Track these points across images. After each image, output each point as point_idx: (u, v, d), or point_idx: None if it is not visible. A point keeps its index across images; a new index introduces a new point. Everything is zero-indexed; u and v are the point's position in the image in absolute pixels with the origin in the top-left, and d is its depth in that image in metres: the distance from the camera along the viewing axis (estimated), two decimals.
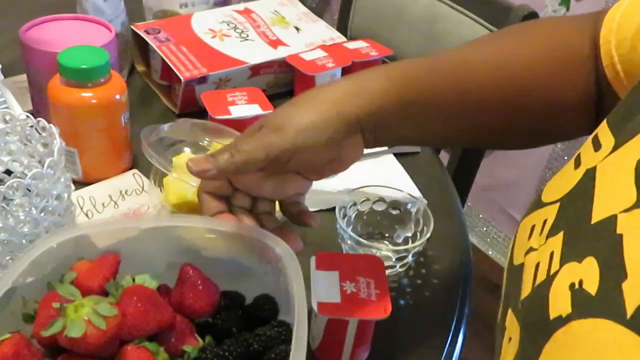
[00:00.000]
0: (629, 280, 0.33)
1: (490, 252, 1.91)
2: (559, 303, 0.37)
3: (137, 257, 0.55)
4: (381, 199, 0.74)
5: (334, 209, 0.71)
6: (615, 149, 0.41)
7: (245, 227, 0.55)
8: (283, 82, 1.01)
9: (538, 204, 0.46)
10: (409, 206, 0.73)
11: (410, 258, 0.70)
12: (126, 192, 0.79)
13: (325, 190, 0.80)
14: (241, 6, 1.09)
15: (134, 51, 1.03)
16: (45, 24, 0.88)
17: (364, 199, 0.74)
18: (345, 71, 0.97)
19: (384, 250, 0.71)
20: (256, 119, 0.86)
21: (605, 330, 0.33)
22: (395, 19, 1.23)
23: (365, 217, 0.74)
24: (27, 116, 0.68)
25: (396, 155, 0.90)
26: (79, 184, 0.79)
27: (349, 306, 0.57)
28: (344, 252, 0.71)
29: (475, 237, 1.93)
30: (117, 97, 0.77)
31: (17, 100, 0.84)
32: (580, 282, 0.36)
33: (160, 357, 0.50)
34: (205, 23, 1.03)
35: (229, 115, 0.84)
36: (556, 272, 0.39)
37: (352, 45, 1.02)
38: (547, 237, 0.42)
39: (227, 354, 0.51)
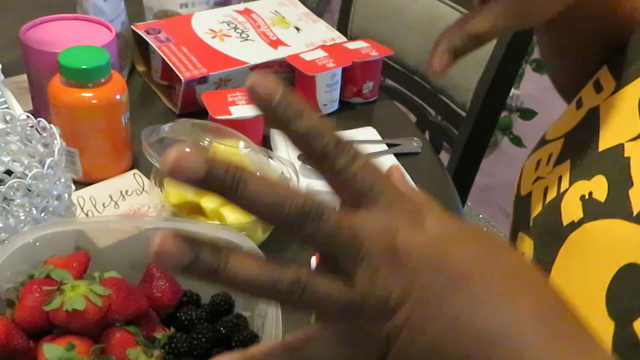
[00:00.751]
0: (635, 187, 0.37)
1: None
2: (571, 211, 0.41)
3: (103, 257, 0.58)
4: None
5: None
6: (616, 90, 0.45)
7: (211, 228, 0.59)
8: (283, 82, 1.00)
9: (542, 142, 0.49)
10: None
11: None
12: (126, 192, 0.79)
13: (326, 190, 0.80)
14: (241, 6, 1.09)
15: (135, 51, 1.03)
16: (45, 24, 0.88)
17: None
18: (346, 71, 0.97)
19: None
20: (256, 119, 0.86)
21: (615, 227, 0.37)
22: (395, 19, 1.23)
23: None
24: (28, 116, 0.68)
25: (396, 155, 0.90)
26: (80, 184, 0.79)
27: None
28: None
29: None
30: (118, 97, 0.77)
31: (18, 100, 0.84)
32: (590, 194, 0.40)
33: (138, 339, 0.54)
34: (206, 23, 1.03)
35: (229, 116, 0.84)
36: (566, 190, 0.43)
37: (353, 45, 1.02)
38: (554, 166, 0.45)
39: (200, 336, 0.56)
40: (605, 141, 0.42)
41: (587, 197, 0.40)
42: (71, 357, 0.49)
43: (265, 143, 0.89)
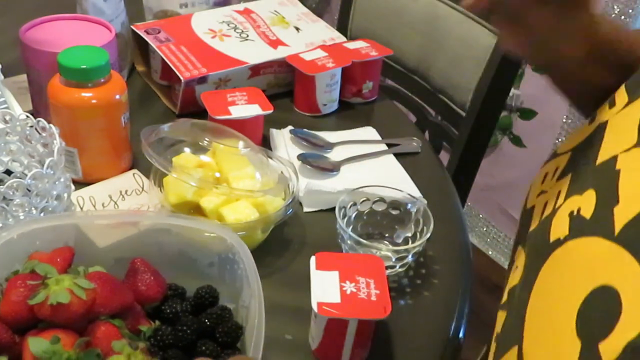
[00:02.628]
0: (620, 204, 0.37)
1: (490, 252, 1.91)
2: (559, 228, 0.42)
3: (87, 252, 0.59)
4: (381, 199, 0.74)
5: (334, 209, 0.71)
6: (626, 105, 0.45)
7: (197, 222, 0.61)
8: (283, 82, 1.01)
9: (553, 155, 0.52)
10: (409, 206, 0.73)
11: (410, 258, 0.70)
12: (126, 192, 0.79)
13: (325, 190, 0.80)
14: (241, 6, 1.09)
15: (134, 51, 1.03)
16: (45, 24, 0.88)
17: (364, 199, 0.74)
18: (345, 71, 0.97)
19: (384, 250, 0.71)
20: (256, 119, 0.86)
21: (595, 246, 0.38)
22: (395, 19, 1.23)
23: (365, 217, 0.74)
24: (27, 116, 0.68)
25: (396, 155, 0.90)
26: (79, 184, 0.79)
27: (348, 306, 0.57)
28: (344, 252, 0.71)
29: (475, 237, 1.93)
30: (117, 97, 0.77)
31: (17, 100, 0.84)
32: (579, 210, 0.41)
33: (124, 332, 0.54)
34: (205, 23, 1.03)
35: (229, 116, 0.84)
36: (560, 205, 0.44)
37: (352, 45, 1.02)
38: (557, 180, 0.48)
39: (185, 327, 0.56)
40: (603, 154, 0.43)
41: (575, 213, 0.41)
42: (56, 351, 0.49)
43: (265, 143, 0.90)
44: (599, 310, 0.35)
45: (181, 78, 0.91)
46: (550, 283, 0.41)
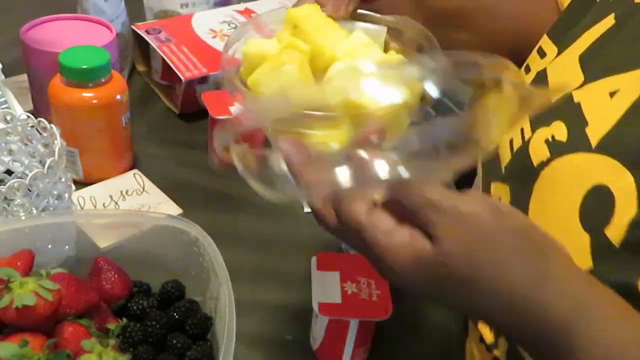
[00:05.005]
0: (590, 125, 0.45)
1: None
2: (539, 152, 0.48)
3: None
4: None
5: None
6: (559, 54, 0.53)
7: (160, 217, 0.61)
8: None
9: None
10: None
11: None
12: (127, 192, 0.79)
13: None
14: (242, 6, 1.09)
15: (135, 51, 1.03)
16: (45, 24, 0.88)
17: None
18: None
19: None
20: None
21: (579, 159, 0.45)
22: None
23: None
24: (28, 116, 0.68)
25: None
26: (80, 184, 0.79)
27: (350, 307, 0.57)
28: (344, 252, 0.71)
29: None
30: (118, 97, 0.77)
31: (18, 100, 0.84)
32: (553, 137, 0.48)
33: (92, 331, 0.54)
34: (206, 23, 1.03)
35: (229, 116, 0.84)
36: (530, 137, 0.50)
37: None
38: None
39: (154, 322, 0.56)
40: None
41: (550, 139, 0.48)
42: (25, 354, 0.49)
43: (267, 142, 0.89)
44: (598, 205, 0.42)
45: (182, 78, 0.91)
46: (547, 196, 0.47)
